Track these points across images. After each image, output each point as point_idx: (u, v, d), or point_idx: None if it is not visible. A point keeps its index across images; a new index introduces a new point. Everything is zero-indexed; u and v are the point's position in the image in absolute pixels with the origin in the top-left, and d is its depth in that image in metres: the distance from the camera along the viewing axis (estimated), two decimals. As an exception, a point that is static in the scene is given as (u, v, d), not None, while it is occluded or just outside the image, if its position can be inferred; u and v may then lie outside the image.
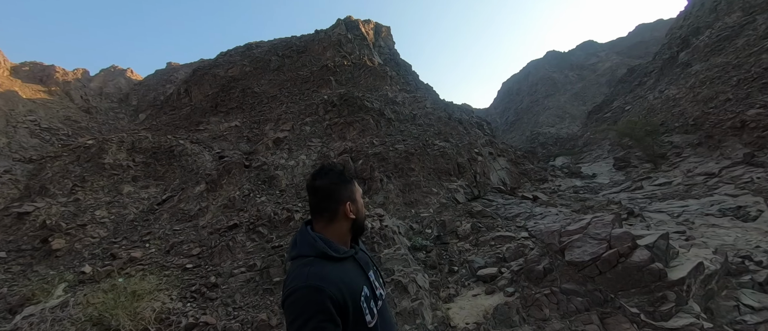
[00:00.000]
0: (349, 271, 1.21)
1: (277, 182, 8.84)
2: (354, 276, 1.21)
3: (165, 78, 42.13)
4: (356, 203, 1.31)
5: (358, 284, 1.20)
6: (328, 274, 1.12)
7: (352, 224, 1.29)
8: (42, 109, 32.79)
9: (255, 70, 23.24)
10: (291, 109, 14.59)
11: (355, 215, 1.29)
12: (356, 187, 1.34)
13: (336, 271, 1.15)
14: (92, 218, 7.54)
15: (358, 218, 1.31)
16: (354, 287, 1.17)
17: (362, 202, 1.36)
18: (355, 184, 1.34)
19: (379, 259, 5.87)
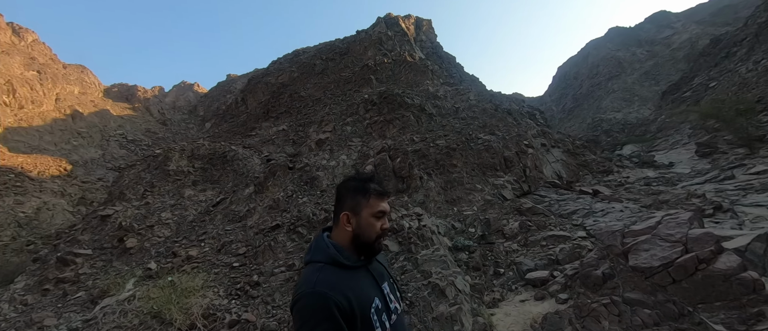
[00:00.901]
0: (361, 280, 1.20)
1: (318, 182, 9.04)
2: (365, 286, 1.19)
3: (226, 89, 45.97)
4: (359, 216, 1.22)
5: (369, 294, 1.18)
6: (337, 282, 1.12)
7: (352, 238, 1.23)
8: (128, 123, 37.57)
9: (301, 76, 24.25)
10: (333, 110, 14.90)
11: (352, 228, 1.22)
12: (371, 202, 1.23)
13: (346, 279, 1.14)
14: (159, 219, 8.36)
15: (359, 234, 1.22)
16: (364, 298, 1.15)
17: (375, 221, 1.22)
18: (372, 199, 1.23)
19: (416, 260, 5.66)
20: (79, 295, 6.33)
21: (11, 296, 6.52)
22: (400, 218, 6.58)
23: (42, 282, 6.82)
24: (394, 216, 6.63)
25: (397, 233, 6.20)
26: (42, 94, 27.50)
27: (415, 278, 5.32)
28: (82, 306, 5.90)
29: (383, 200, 1.26)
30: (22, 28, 33.89)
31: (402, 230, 6.20)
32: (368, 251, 1.25)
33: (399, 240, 6.08)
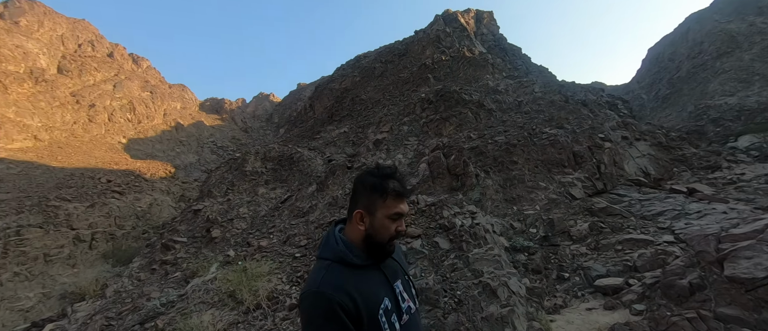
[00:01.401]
0: (370, 280, 1.14)
1: (374, 180, 9.34)
2: (374, 286, 1.14)
3: (296, 97, 49.69)
4: (373, 216, 1.14)
5: (378, 295, 1.13)
6: (343, 281, 1.07)
7: (364, 237, 1.16)
8: (218, 132, 42.79)
9: (362, 80, 25.15)
10: (391, 111, 15.18)
11: (365, 228, 1.15)
12: (388, 203, 1.15)
13: (353, 279, 1.10)
14: (237, 213, 9.47)
15: (371, 235, 1.15)
16: (372, 298, 1.11)
17: (390, 223, 1.15)
18: (390, 200, 1.15)
19: (467, 258, 5.51)
20: (176, 274, 7.52)
21: (130, 272, 8.01)
22: (452, 216, 6.46)
23: (151, 263, 8.25)
24: (446, 214, 6.54)
25: (448, 231, 6.11)
26: (153, 110, 33.05)
27: (465, 277, 5.20)
28: (177, 283, 7.00)
29: (402, 201, 1.17)
30: (139, 57, 41.09)
31: (453, 227, 6.09)
32: (380, 253, 1.18)
33: (450, 238, 5.99)
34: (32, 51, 25.08)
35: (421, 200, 7.25)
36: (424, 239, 6.01)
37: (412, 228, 6.24)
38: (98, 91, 28.67)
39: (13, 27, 25.49)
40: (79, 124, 24.51)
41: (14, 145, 16.50)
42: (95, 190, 12.92)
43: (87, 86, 28.35)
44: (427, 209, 6.86)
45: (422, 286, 5.02)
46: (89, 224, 11.29)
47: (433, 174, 8.37)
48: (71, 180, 13.40)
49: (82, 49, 32.11)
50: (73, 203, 11.38)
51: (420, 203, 7.16)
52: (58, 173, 14.12)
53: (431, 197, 7.55)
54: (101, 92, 28.99)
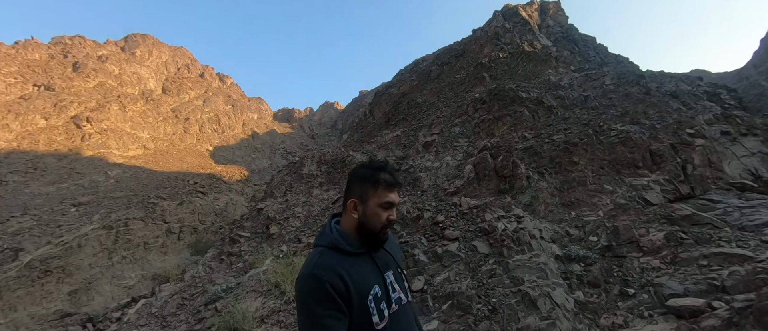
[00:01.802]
0: (361, 267, 1.20)
1: (420, 183, 9.24)
2: (365, 273, 1.19)
3: (358, 104, 51.61)
4: (365, 205, 1.22)
5: (369, 281, 1.18)
6: (334, 265, 1.13)
7: (357, 225, 1.23)
8: (288, 139, 46.35)
9: (419, 83, 25.16)
10: (444, 113, 14.90)
11: (358, 216, 1.23)
12: (380, 192, 1.22)
13: (344, 264, 1.15)
14: (293, 213, 10.19)
15: (364, 222, 1.22)
16: (363, 283, 1.15)
17: (381, 212, 1.22)
18: (381, 189, 1.22)
19: (507, 265, 5.14)
20: (238, 265, 8.37)
21: (204, 261, 9.13)
22: (495, 219, 6.09)
23: (220, 254, 9.30)
24: (489, 217, 6.19)
25: (488, 235, 5.78)
26: (234, 121, 37.30)
27: (502, 284, 4.85)
28: (238, 273, 7.78)
29: (392, 190, 1.24)
30: (224, 76, 46.79)
31: (494, 231, 5.73)
32: (372, 241, 1.24)
33: (490, 242, 5.65)
34: (144, 76, 30.39)
35: (463, 202, 6.98)
36: (462, 242, 5.78)
37: (449, 231, 6.04)
38: (192, 107, 33.40)
39: (131, 57, 31.21)
40: (177, 135, 28.86)
41: (129, 153, 20.21)
42: (184, 190, 15.17)
43: (183, 103, 33.25)
44: (469, 211, 6.58)
45: (454, 290, 4.83)
46: (178, 219, 13.25)
47: (479, 176, 7.98)
48: (167, 182, 15.92)
49: (180, 71, 37.79)
50: (167, 200, 13.54)
51: (462, 206, 6.90)
52: (158, 176, 16.92)
53: (475, 199, 7.22)
54: (194, 107, 33.71)
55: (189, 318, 6.33)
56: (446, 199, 7.49)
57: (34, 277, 8.02)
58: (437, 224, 6.44)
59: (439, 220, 6.50)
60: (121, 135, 21.74)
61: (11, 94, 19.92)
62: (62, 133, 19.26)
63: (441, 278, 5.18)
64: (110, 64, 28.19)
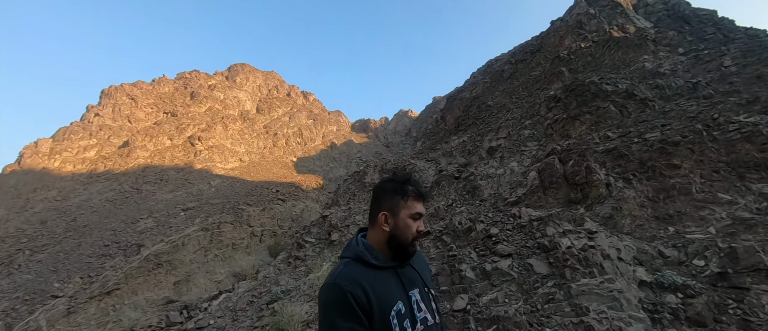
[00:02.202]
0: (385, 281, 1.19)
1: (479, 191, 8.60)
2: (389, 288, 1.18)
3: (431, 111, 51.27)
4: (396, 217, 1.24)
5: (392, 296, 1.17)
6: (358, 276, 1.14)
7: (388, 238, 1.24)
8: (364, 149, 48.34)
9: (492, 84, 23.89)
10: (513, 115, 13.74)
11: (390, 228, 1.24)
12: (409, 203, 1.25)
13: (368, 276, 1.16)
14: (353, 220, 10.48)
15: (396, 235, 1.23)
16: (385, 297, 1.15)
17: (412, 223, 1.24)
18: (411, 200, 1.25)
19: (569, 289, 4.36)
20: (301, 268, 8.91)
21: (275, 263, 9.98)
22: (559, 234, 5.27)
23: (288, 257, 10.05)
24: (551, 232, 5.38)
25: (548, 252, 5.01)
26: (315, 134, 40.50)
27: (561, 312, 4.12)
28: (300, 276, 8.27)
29: (420, 201, 1.26)
30: (307, 93, 51.30)
31: (556, 248, 4.94)
32: (403, 253, 1.24)
33: (550, 260, 4.88)
34: (242, 99, 35.26)
35: (523, 213, 6.23)
36: (516, 259, 5.12)
37: (502, 245, 5.43)
38: (279, 123, 37.41)
39: (232, 84, 36.57)
40: (267, 149, 32.61)
41: (228, 166, 23.59)
42: (267, 197, 16.98)
43: (273, 120, 37.47)
44: (529, 224, 5.83)
45: (501, 314, 4.29)
46: (261, 223, 14.84)
47: (544, 184, 7.04)
48: (254, 190, 18.05)
49: (271, 92, 42.78)
50: (253, 207, 15.33)
51: (522, 217, 6.17)
52: (249, 185, 19.33)
53: (538, 210, 6.37)
54: (281, 123, 37.69)
55: (253, 315, 6.93)
56: (505, 210, 6.80)
57: (149, 268, 9.93)
58: (490, 237, 5.86)
59: (493, 233, 5.91)
60: (223, 150, 25.53)
61: (148, 121, 25.16)
62: (181, 151, 23.54)
63: (487, 298, 4.66)
64: (217, 92, 33.48)
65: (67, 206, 16.57)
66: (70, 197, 17.59)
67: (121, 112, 26.35)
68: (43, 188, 18.95)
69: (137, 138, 23.92)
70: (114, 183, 18.76)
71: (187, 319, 8.42)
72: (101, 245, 11.97)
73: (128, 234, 12.49)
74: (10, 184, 19.53)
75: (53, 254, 11.66)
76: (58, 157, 22.38)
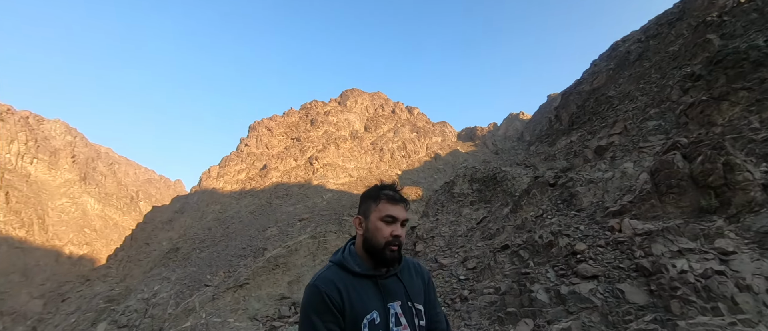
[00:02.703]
0: (362, 288, 1.19)
1: (577, 200, 7.24)
2: (365, 296, 1.18)
3: (545, 110, 46.18)
4: (368, 220, 1.23)
5: (366, 305, 1.16)
6: (336, 280, 1.16)
7: (362, 242, 1.24)
8: (471, 157, 46.71)
9: (616, 71, 20.28)
10: (637, 104, 11.15)
11: (362, 232, 1.24)
12: (380, 206, 1.22)
13: (346, 281, 1.17)
14: (439, 232, 10.29)
15: (368, 238, 1.22)
16: (359, 305, 1.15)
17: (383, 226, 1.20)
18: (382, 203, 1.22)
19: (674, 327, 3.26)
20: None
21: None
22: (670, 254, 4.02)
23: (376, 267, 10.55)
24: (659, 251, 4.15)
25: (649, 277, 3.87)
26: (419, 146, 41.29)
27: (655, 355, 3.12)
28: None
29: (394, 204, 1.21)
30: (412, 107, 52.90)
31: (661, 272, 3.78)
32: (378, 258, 1.20)
33: (651, 288, 3.76)
34: (352, 120, 38.96)
35: (625, 226, 5.00)
36: (603, 282, 4.14)
37: (586, 265, 4.48)
38: (385, 139, 39.68)
39: (344, 108, 40.85)
40: (374, 164, 34.93)
41: (339, 181, 26.27)
42: (368, 209, 18.02)
43: (379, 136, 40.03)
44: (629, 240, 4.65)
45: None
46: (361, 234, 15.94)
47: (660, 189, 5.42)
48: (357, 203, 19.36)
49: (377, 111, 45.91)
50: (355, 218, 16.46)
51: (622, 231, 4.96)
52: (354, 198, 21.00)
53: (648, 222, 4.98)
54: (387, 139, 39.90)
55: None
56: (602, 222, 5.59)
57: (270, 268, 11.88)
58: (575, 254, 4.91)
59: (579, 249, 4.93)
60: (335, 167, 28.62)
61: (280, 147, 30.39)
62: (303, 170, 27.53)
63: (559, 327, 3.90)
64: (331, 116, 37.98)
65: (224, 217, 21.52)
66: (227, 210, 22.77)
67: (261, 141, 32.77)
68: (212, 203, 25.15)
69: (272, 161, 29.26)
70: (255, 198, 23.37)
71: (294, 314, 9.68)
72: (240, 247, 15.07)
73: (258, 239, 15.33)
74: (194, 200, 26.61)
75: (210, 253, 15.30)
76: (222, 180, 29.37)
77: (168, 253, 19.29)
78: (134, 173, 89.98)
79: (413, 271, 1.35)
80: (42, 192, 59.97)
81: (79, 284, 24.23)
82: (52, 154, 67.22)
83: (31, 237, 50.30)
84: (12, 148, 61.06)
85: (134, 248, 26.36)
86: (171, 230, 25.99)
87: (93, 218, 63.92)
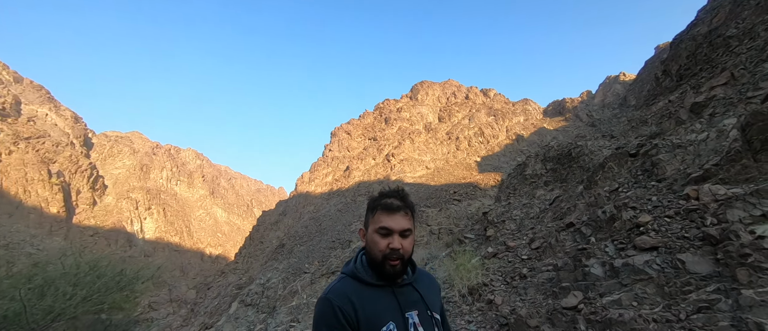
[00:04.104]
0: (378, 299, 1.16)
1: (659, 169, 6.43)
2: (380, 307, 1.15)
3: (654, 65, 39.26)
4: (368, 232, 1.20)
5: (382, 316, 1.13)
6: (349, 292, 1.13)
7: (366, 254, 1.22)
8: (561, 134, 42.71)
9: (739, 3, 16.47)
10: (756, 43, 9.01)
11: (364, 244, 1.22)
12: (376, 217, 1.18)
13: (360, 293, 1.14)
14: (510, 215, 10.17)
15: (368, 251, 1.20)
16: (374, 317, 1.12)
17: (378, 239, 1.16)
18: (377, 214, 1.18)
19: (738, 297, 2.99)
20: (456, 264, 9.51)
21: (440, 256, 11.07)
22: (746, 221, 3.56)
23: (451, 252, 10.87)
24: (734, 217, 3.69)
25: (717, 245, 3.51)
26: (498, 130, 39.27)
27: (713, 325, 2.93)
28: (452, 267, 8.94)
29: (390, 215, 1.16)
30: (488, 90, 50.40)
31: (730, 240, 3.41)
32: (379, 272, 1.17)
33: (717, 257, 3.43)
34: (424, 113, 39.22)
35: (703, 192, 4.47)
36: (662, 253, 3.89)
37: (646, 237, 4.21)
38: (460, 127, 38.90)
39: (415, 102, 41.35)
40: (451, 153, 34.64)
41: (416, 174, 26.94)
42: (444, 199, 18.37)
43: (454, 125, 39.42)
44: (702, 207, 4.18)
45: (614, 317, 3.54)
46: (438, 223, 16.32)
47: (753, 146, 4.57)
48: (435, 193, 19.94)
49: (449, 100, 45.15)
50: (432, 208, 17.05)
51: (700, 199, 4.45)
52: (431, 190, 21.47)
53: (734, 187, 4.34)
54: (462, 127, 39.06)
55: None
56: (679, 190, 5.05)
57: (355, 259, 13.21)
58: (638, 226, 4.60)
59: (643, 221, 4.60)
60: (412, 162, 29.42)
61: (359, 148, 32.58)
62: (381, 167, 29.05)
63: (609, 299, 3.84)
64: (404, 112, 38.91)
65: (318, 216, 24.31)
66: (319, 210, 25.61)
67: (342, 145, 35.60)
68: (307, 204, 28.57)
69: (353, 162, 31.62)
70: (341, 198, 25.72)
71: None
72: (331, 240, 16.98)
73: (345, 233, 17.05)
74: (293, 203, 30.61)
75: (308, 246, 17.62)
76: (313, 184, 32.99)
77: (276, 248, 22.90)
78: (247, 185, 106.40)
79: (428, 281, 1.35)
80: (185, 207, 75.53)
81: (218, 276, 30.37)
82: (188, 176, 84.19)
83: (183, 242, 63.91)
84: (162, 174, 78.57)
85: (252, 246, 31.69)
86: (278, 230, 30.45)
87: (222, 224, 78.06)
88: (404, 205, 1.18)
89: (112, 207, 58.20)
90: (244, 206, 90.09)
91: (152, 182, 72.92)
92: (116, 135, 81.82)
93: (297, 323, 9.78)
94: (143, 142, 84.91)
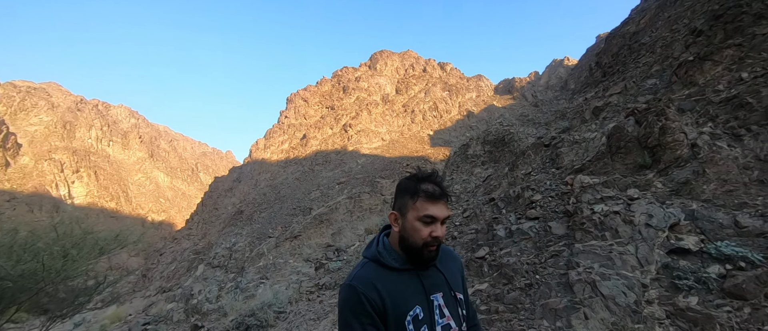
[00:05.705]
0: (403, 284, 1.15)
1: (560, 160, 8.42)
2: (407, 292, 1.14)
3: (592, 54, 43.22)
4: (404, 218, 1.15)
5: (409, 301, 1.13)
6: (374, 278, 1.13)
7: (399, 239, 1.18)
8: (508, 112, 46.02)
9: (659, 10, 19.16)
10: (650, 58, 11.30)
11: (398, 230, 1.18)
12: (418, 204, 1.13)
13: (385, 278, 1.13)
14: (452, 190, 11.96)
15: (404, 237, 1.16)
16: (401, 302, 1.11)
17: (421, 226, 1.12)
18: (420, 201, 1.12)
19: (572, 248, 4.79)
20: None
21: (390, 225, 12.81)
22: (593, 201, 5.41)
23: (400, 220, 12.64)
24: (587, 198, 5.53)
25: (570, 216, 5.34)
26: (451, 105, 41.50)
27: (555, 265, 4.73)
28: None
29: (434, 203, 1.13)
30: (444, 63, 52.02)
31: (578, 213, 5.23)
32: (415, 257, 1.16)
33: (569, 224, 5.26)
34: (382, 83, 39.99)
35: (577, 181, 6.35)
36: (541, 222, 5.69)
37: (532, 210, 6.01)
38: (416, 100, 40.44)
39: (374, 72, 41.78)
40: (405, 126, 36.32)
41: (371, 146, 28.28)
42: (397, 171, 20.07)
43: (410, 98, 40.82)
44: (571, 191, 6.04)
45: (504, 261, 5.27)
46: (391, 193, 18.06)
47: (612, 149, 6.53)
48: (389, 166, 21.56)
49: (407, 72, 46.15)
50: (386, 179, 18.68)
51: (574, 187, 6.32)
52: (386, 162, 23.06)
53: (596, 177, 6.26)
54: (418, 100, 40.62)
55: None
56: (564, 178, 6.94)
57: (316, 223, 14.56)
58: (532, 202, 6.41)
59: (536, 199, 6.42)
60: (368, 133, 30.60)
61: (316, 116, 32.83)
62: (338, 137, 29.89)
63: (504, 251, 5.59)
64: (362, 82, 39.32)
65: (275, 183, 24.90)
66: (277, 177, 26.12)
67: (299, 112, 35.49)
68: (263, 172, 28.80)
69: (310, 131, 31.98)
70: (299, 166, 26.38)
71: (336, 257, 12.25)
72: (292, 207, 18.03)
73: (305, 201, 18.15)
74: (248, 170, 30.58)
75: (269, 213, 18.50)
76: (269, 151, 32.93)
77: (235, 215, 23.33)
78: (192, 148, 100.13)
79: (449, 258, 1.34)
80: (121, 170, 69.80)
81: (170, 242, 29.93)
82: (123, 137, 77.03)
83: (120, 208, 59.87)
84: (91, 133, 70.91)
85: (205, 212, 31.39)
86: (233, 197, 30.40)
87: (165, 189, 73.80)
88: (445, 193, 1.18)
89: (31, 169, 52.23)
90: (188, 170, 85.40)
91: (79, 141, 65.84)
92: (28, 86, 71.13)
93: (266, 280, 10.98)
94: (64, 95, 75.00)
